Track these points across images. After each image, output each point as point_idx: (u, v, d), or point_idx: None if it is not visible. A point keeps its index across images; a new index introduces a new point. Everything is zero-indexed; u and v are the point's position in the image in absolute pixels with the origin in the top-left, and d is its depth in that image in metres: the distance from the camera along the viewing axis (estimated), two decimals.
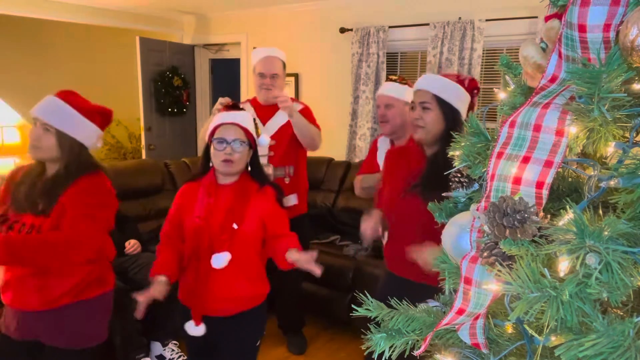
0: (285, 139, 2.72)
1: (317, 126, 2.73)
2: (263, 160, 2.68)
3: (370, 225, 1.89)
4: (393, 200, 1.90)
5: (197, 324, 1.78)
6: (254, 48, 2.82)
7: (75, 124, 1.71)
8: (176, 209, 1.86)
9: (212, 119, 2.58)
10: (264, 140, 1.87)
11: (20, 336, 1.75)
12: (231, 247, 1.73)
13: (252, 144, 1.82)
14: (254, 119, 1.87)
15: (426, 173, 1.81)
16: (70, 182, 1.68)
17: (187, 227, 1.79)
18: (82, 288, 1.74)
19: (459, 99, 1.82)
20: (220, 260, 1.73)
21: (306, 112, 2.77)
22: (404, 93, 2.34)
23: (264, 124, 2.73)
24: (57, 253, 1.62)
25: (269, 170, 2.67)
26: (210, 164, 1.82)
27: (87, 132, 1.75)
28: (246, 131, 1.78)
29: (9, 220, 1.68)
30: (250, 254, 1.81)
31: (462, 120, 1.81)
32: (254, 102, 2.82)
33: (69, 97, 1.74)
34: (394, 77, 2.47)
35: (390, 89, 2.38)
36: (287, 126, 2.70)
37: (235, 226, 1.74)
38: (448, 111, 1.80)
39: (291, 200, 2.75)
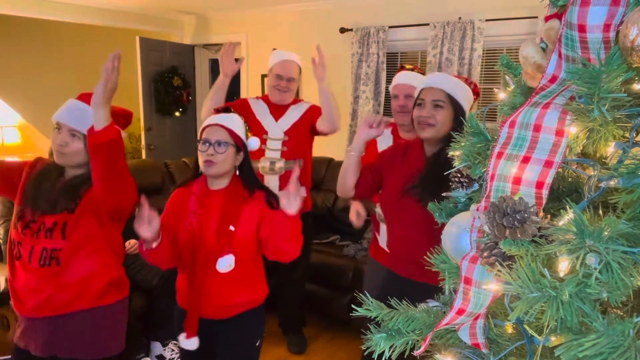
0: (298, 134, 2.75)
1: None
2: (275, 155, 2.72)
3: (355, 209, 1.92)
4: (391, 199, 1.90)
5: (189, 337, 1.76)
6: (274, 49, 2.85)
7: None
8: (167, 215, 1.83)
9: (216, 82, 2.60)
10: (254, 143, 1.83)
11: (33, 350, 1.69)
12: (233, 250, 1.72)
13: (241, 146, 1.78)
14: (245, 123, 1.84)
15: (425, 174, 1.80)
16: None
17: (181, 238, 1.76)
18: (101, 291, 1.70)
19: (467, 100, 1.82)
20: (226, 263, 1.71)
21: (315, 108, 2.79)
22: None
23: (276, 120, 2.76)
24: (127, 187, 1.67)
25: (280, 164, 2.69)
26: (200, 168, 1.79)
27: None
28: (232, 133, 1.74)
29: (26, 219, 1.66)
30: (249, 256, 1.79)
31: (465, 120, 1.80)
32: (265, 99, 2.83)
33: (90, 97, 1.71)
34: (410, 67, 2.40)
35: (411, 78, 2.28)
36: (300, 122, 2.75)
37: (232, 228, 1.72)
38: (458, 111, 1.79)
39: (302, 192, 2.76)
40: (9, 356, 1.79)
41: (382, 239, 2.09)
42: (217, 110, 1.86)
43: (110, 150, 1.55)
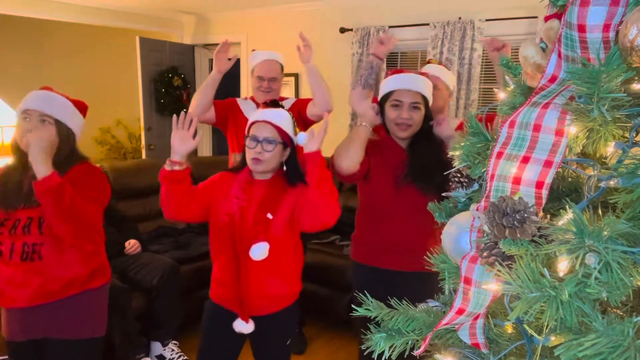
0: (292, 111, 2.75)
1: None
2: None
3: (367, 105, 2.01)
4: (387, 193, 1.93)
5: (246, 321, 1.73)
6: (253, 50, 2.83)
7: (69, 113, 1.74)
8: (205, 187, 1.80)
9: (208, 78, 2.60)
10: (302, 138, 1.78)
11: (26, 336, 1.74)
12: (268, 238, 1.69)
13: (288, 143, 1.76)
14: (292, 119, 1.81)
15: (412, 164, 1.89)
16: (66, 169, 1.68)
17: (220, 222, 1.75)
18: (86, 278, 1.75)
19: (430, 91, 1.98)
20: (259, 250, 1.68)
21: (301, 100, 2.82)
22: (448, 78, 2.28)
23: None
24: (79, 227, 1.65)
25: None
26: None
27: (78, 122, 1.78)
28: (280, 130, 1.73)
29: None
30: (286, 246, 1.77)
31: (431, 113, 1.98)
32: (253, 98, 2.84)
33: (52, 90, 1.77)
34: (436, 60, 2.40)
35: (437, 70, 2.26)
36: (295, 104, 2.77)
37: (269, 216, 1.70)
38: (427, 108, 1.95)
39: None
40: (5, 357, 1.81)
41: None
42: (266, 104, 1.82)
43: (55, 197, 1.57)
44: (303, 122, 2.77)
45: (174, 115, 1.74)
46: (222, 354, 1.87)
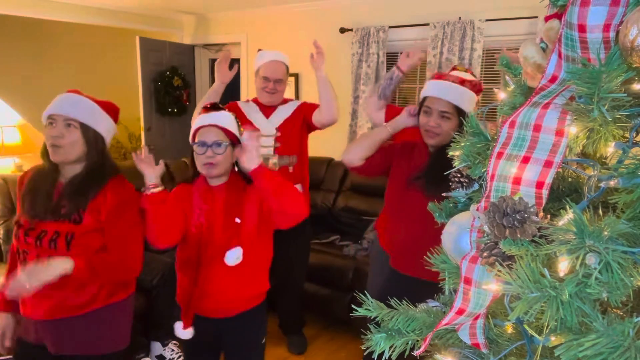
0: (290, 130, 2.74)
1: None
2: (269, 152, 2.70)
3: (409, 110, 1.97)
4: (397, 193, 1.93)
5: (185, 327, 1.76)
6: (259, 50, 2.82)
7: (97, 116, 1.67)
8: (174, 203, 1.80)
9: (213, 86, 2.63)
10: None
11: (53, 350, 1.68)
12: (240, 242, 1.71)
13: (236, 142, 1.76)
14: (235, 118, 1.81)
15: (428, 167, 1.85)
16: (99, 187, 1.63)
17: (188, 232, 1.76)
18: (109, 292, 1.70)
19: (471, 104, 1.87)
20: (234, 255, 1.70)
21: (305, 104, 2.82)
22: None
23: (267, 117, 2.75)
24: (122, 273, 1.67)
25: (274, 159, 2.70)
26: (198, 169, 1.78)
27: (106, 126, 1.70)
28: (227, 131, 1.74)
29: (24, 227, 1.61)
30: (258, 247, 1.78)
31: None
32: (255, 100, 2.84)
33: (80, 93, 1.70)
34: (462, 67, 2.09)
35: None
36: (291, 119, 2.75)
37: (238, 220, 1.72)
38: (463, 119, 1.80)
39: (298, 189, 2.77)
40: (10, 356, 1.79)
41: None
42: (206, 109, 1.80)
43: (95, 276, 1.58)
44: (308, 127, 2.78)
45: (133, 154, 1.74)
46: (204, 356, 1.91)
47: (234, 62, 2.82)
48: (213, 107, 1.80)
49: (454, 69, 2.19)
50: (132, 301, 1.83)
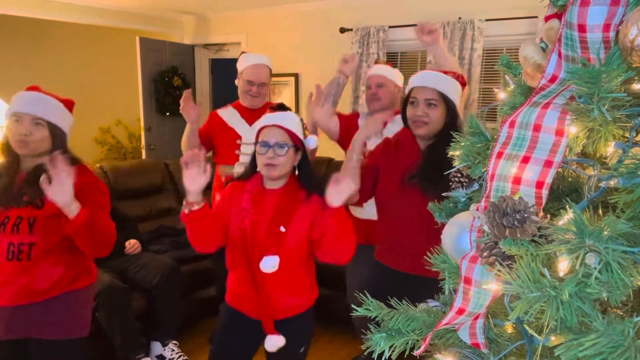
0: None
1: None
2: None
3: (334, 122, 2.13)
4: (391, 193, 1.92)
5: (274, 334, 1.73)
6: (243, 52, 2.77)
7: (61, 115, 1.76)
8: (221, 205, 1.78)
9: (187, 129, 2.61)
10: (312, 142, 1.76)
11: (8, 336, 1.74)
12: (279, 251, 1.67)
13: (299, 146, 1.72)
14: (302, 121, 1.78)
15: (423, 165, 1.85)
16: None
17: (232, 235, 1.73)
18: (71, 279, 1.76)
19: (457, 94, 1.91)
20: (269, 263, 1.66)
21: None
22: (394, 75, 2.50)
23: (250, 124, 2.67)
24: (104, 244, 1.72)
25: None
26: (258, 169, 1.75)
27: (68, 121, 1.79)
28: (290, 133, 1.69)
29: None
30: (299, 259, 1.74)
31: (458, 114, 1.90)
32: (236, 105, 2.79)
33: (41, 90, 1.77)
34: (383, 61, 2.61)
35: (382, 70, 2.50)
36: None
37: (282, 229, 1.67)
38: (450, 107, 1.87)
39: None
40: None
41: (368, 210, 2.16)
42: (273, 109, 1.77)
43: (87, 228, 1.62)
44: None
45: (181, 159, 1.65)
46: (235, 357, 1.86)
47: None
48: (279, 107, 1.79)
49: (376, 63, 2.60)
50: (92, 291, 1.91)
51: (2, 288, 1.69)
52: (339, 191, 1.54)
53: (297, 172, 1.76)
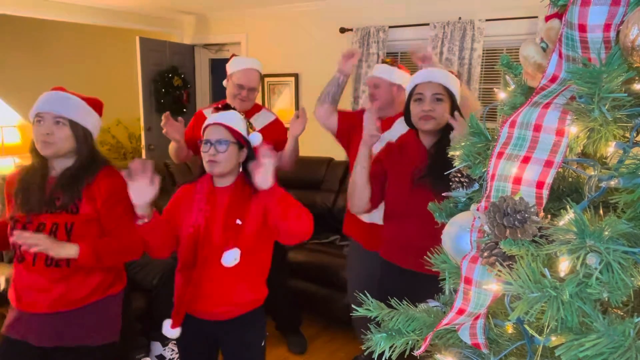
0: (266, 139, 2.70)
1: (285, 140, 2.65)
2: None
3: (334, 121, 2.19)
4: (402, 195, 1.92)
5: (174, 326, 1.79)
6: (234, 55, 2.75)
7: (84, 113, 1.72)
8: (171, 208, 1.83)
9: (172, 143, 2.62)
10: (256, 138, 1.80)
11: (42, 343, 1.68)
12: (238, 244, 1.70)
13: (242, 142, 1.76)
14: (246, 119, 1.82)
15: (431, 163, 1.86)
16: (92, 176, 1.67)
17: (184, 234, 1.76)
18: (108, 285, 1.75)
19: (457, 89, 1.96)
20: (231, 257, 1.69)
21: (277, 125, 2.74)
22: (392, 74, 2.47)
23: None
24: (126, 255, 1.72)
25: None
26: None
27: (93, 121, 1.75)
28: (232, 130, 1.73)
29: (21, 221, 1.64)
30: (257, 252, 1.78)
31: (460, 110, 1.94)
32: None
33: (65, 90, 1.74)
34: (387, 60, 2.56)
35: (380, 71, 2.50)
36: (269, 127, 2.68)
37: (239, 222, 1.71)
38: (455, 103, 1.92)
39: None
40: None
41: (378, 214, 2.13)
42: (217, 109, 1.83)
43: (95, 262, 1.62)
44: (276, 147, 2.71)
45: (124, 171, 1.60)
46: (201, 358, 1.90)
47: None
48: (224, 107, 1.83)
49: (382, 61, 2.57)
50: (122, 295, 1.87)
51: (38, 295, 1.65)
52: (263, 173, 1.57)
53: (242, 170, 1.79)
